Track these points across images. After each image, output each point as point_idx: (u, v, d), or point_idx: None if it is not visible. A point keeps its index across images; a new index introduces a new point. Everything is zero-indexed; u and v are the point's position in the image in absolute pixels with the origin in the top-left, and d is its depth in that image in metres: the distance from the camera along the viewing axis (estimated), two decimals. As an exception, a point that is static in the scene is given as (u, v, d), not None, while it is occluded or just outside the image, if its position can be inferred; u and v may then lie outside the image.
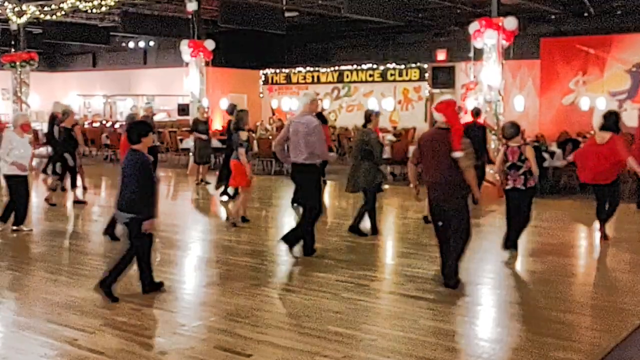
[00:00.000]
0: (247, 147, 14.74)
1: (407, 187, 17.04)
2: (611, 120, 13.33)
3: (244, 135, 14.75)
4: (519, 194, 12.12)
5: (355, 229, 14.03)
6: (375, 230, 14.04)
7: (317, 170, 12.08)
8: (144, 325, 8.62)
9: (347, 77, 36.94)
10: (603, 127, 13.24)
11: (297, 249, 12.08)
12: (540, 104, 30.70)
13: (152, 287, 9.93)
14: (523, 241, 13.13)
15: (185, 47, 27.19)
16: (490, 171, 18.11)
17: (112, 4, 27.45)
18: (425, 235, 14.35)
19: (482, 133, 18.19)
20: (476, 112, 18.87)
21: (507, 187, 12.17)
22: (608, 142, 13.06)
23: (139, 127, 9.85)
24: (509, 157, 12.07)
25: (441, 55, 34.31)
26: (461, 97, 26.90)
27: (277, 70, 39.17)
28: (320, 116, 15.30)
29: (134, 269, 9.85)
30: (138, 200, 9.46)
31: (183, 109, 32.08)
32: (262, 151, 25.68)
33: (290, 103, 36.61)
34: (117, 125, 32.82)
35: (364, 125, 13.98)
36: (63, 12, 28.93)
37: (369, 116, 13.98)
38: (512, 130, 12.18)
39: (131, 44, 39.36)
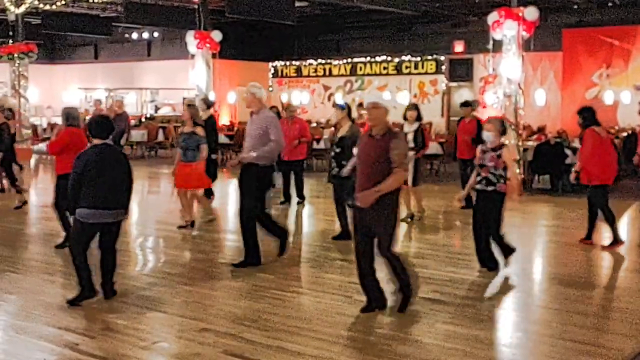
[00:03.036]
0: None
1: (423, 186, 17.00)
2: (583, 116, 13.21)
3: (202, 131, 14.52)
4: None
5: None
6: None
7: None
8: (147, 329, 8.61)
9: (361, 69, 36.90)
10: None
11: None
12: (562, 98, 30.62)
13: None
14: (543, 240, 13.11)
15: (191, 38, 27.17)
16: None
17: (115, -7, 27.52)
18: (442, 236, 14.37)
19: (474, 127, 17.45)
20: (467, 104, 18.22)
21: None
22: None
23: (107, 122, 9.95)
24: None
25: (459, 46, 34.22)
26: (480, 90, 26.81)
27: (287, 63, 39.15)
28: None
29: (148, 268, 9.89)
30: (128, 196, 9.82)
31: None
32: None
33: (300, 97, 36.60)
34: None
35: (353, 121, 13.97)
36: (63, 2, 28.95)
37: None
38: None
39: (134, 35, 39.32)
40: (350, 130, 13.45)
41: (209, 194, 17.64)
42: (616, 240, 13.10)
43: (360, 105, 22.71)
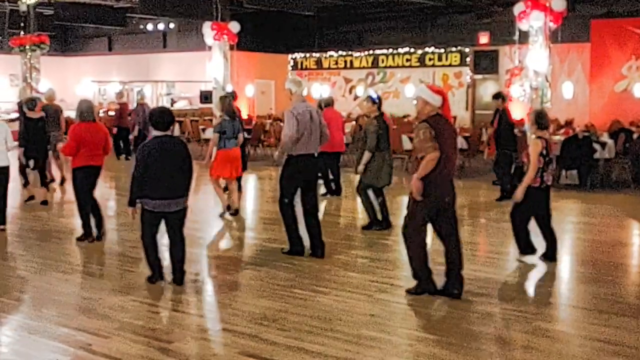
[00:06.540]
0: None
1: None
2: None
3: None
4: (548, 192, 11.54)
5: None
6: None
7: None
8: (163, 329, 8.63)
9: (383, 62, 36.80)
10: None
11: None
12: (591, 90, 30.46)
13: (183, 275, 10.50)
14: (571, 237, 13.02)
15: (208, 29, 27.21)
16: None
17: (129, -17, 27.57)
18: (466, 234, 14.32)
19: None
20: (499, 96, 18.18)
21: (543, 186, 11.36)
22: None
23: (168, 114, 10.45)
24: (550, 150, 11.31)
25: (484, 38, 34.11)
26: (505, 83, 26.71)
27: (307, 55, 39.09)
28: None
29: (164, 266, 9.97)
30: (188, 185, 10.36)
31: (206, 97, 32.05)
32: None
33: (321, 90, 36.54)
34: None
35: (382, 113, 14.16)
36: (76, -8, 29.03)
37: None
38: (547, 120, 11.60)
39: (150, 26, 39.33)
40: (368, 123, 14.07)
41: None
42: None
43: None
